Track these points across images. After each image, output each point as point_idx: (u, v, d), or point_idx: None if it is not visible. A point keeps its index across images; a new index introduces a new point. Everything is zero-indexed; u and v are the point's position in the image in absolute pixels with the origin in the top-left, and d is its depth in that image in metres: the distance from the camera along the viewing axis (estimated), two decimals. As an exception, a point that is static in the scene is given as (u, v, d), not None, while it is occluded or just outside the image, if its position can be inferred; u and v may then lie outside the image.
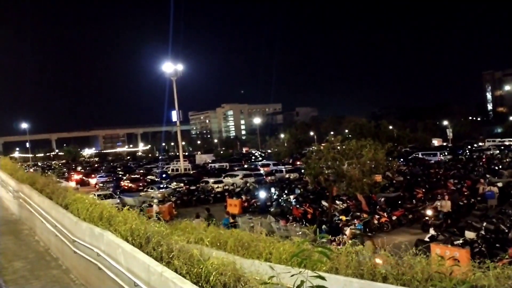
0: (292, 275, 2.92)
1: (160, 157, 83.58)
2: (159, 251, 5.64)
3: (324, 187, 21.59)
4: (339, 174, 18.50)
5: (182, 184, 32.69)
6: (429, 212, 17.43)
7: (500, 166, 31.29)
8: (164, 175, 42.91)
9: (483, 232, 13.24)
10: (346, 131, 60.75)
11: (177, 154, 62.65)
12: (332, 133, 69.31)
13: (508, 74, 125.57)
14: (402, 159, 42.22)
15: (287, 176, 36.85)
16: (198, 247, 6.06)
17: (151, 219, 7.10)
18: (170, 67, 48.14)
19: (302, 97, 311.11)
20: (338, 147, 19.38)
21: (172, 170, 50.76)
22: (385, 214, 18.20)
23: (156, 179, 40.84)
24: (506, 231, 13.48)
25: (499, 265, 4.62)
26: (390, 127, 67.68)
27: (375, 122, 56.34)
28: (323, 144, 20.68)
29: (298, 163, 42.26)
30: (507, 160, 35.28)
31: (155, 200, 24.92)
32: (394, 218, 18.41)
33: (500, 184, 23.04)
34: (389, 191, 22.89)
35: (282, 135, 74.69)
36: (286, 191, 26.28)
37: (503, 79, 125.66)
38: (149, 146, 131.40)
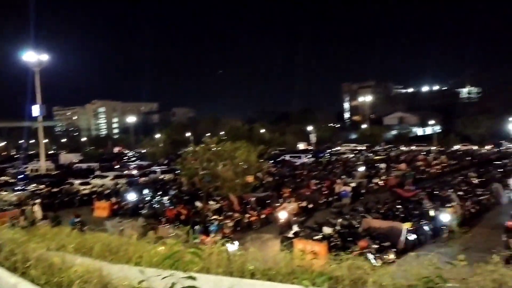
0: (163, 278, 2.88)
1: (17, 156, 74.41)
2: (13, 260, 5.04)
3: (198, 188, 21.67)
4: (214, 175, 18.78)
5: (43, 186, 29.56)
6: (281, 214, 18.06)
7: (354, 168, 35.27)
8: (21, 176, 38.31)
9: (338, 228, 14.76)
10: (222, 132, 61.93)
11: (38, 152, 56.49)
12: (208, 134, 69.97)
13: (363, 86, 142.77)
14: (272, 161, 44.67)
15: (161, 177, 36.03)
16: (60, 254, 5.57)
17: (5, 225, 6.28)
18: (33, 57, 43.20)
19: (180, 97, 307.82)
20: (214, 149, 19.66)
21: (32, 170, 45.67)
22: (255, 213, 19.05)
23: (12, 181, 36.27)
24: (357, 226, 15.26)
25: (350, 257, 5.15)
26: (263, 130, 71.20)
27: (249, 125, 58.49)
28: (199, 146, 20.77)
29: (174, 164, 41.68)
30: (359, 163, 39.97)
31: (37, 201, 22.08)
32: (263, 216, 19.39)
33: (353, 184, 26.02)
34: (259, 191, 24.02)
35: (157, 135, 72.75)
36: (160, 192, 25.67)
37: (358, 91, 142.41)
38: (5, 143, 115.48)
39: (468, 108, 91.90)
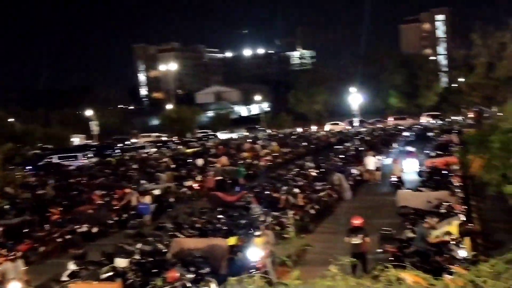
0: None
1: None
2: None
3: None
4: None
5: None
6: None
7: (158, 169, 35.59)
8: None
9: (137, 257, 14.66)
10: None
11: None
12: None
13: (164, 49, 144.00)
14: (30, 166, 41.83)
15: None
16: None
17: None
18: None
19: None
20: None
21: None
22: (3, 251, 17.50)
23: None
24: (164, 250, 15.42)
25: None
26: (11, 120, 66.09)
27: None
28: None
29: None
30: (165, 160, 40.55)
31: None
32: (19, 254, 17.96)
33: (157, 192, 26.26)
34: (10, 216, 22.28)
35: None
36: None
37: (158, 57, 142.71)
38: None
39: (302, 78, 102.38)
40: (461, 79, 67.08)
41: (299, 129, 77.58)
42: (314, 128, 78.07)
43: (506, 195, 19.55)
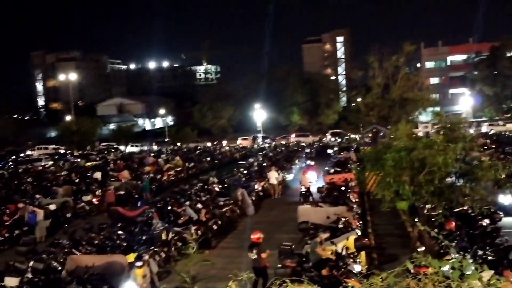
0: None
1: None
2: None
3: None
4: None
5: None
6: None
7: (54, 182, 34.29)
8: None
9: (29, 276, 14.03)
10: None
11: None
12: None
13: (63, 59, 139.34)
14: None
15: None
16: None
17: None
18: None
19: None
20: None
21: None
22: None
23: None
24: (59, 268, 14.83)
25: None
26: None
27: None
28: None
29: None
30: (62, 173, 39.17)
31: None
32: None
33: (53, 206, 25.30)
34: None
35: None
36: None
37: (57, 65, 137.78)
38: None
39: (207, 92, 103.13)
40: (359, 99, 69.98)
41: (208, 144, 77.63)
42: (224, 142, 78.53)
43: (399, 211, 20.63)
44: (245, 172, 35.49)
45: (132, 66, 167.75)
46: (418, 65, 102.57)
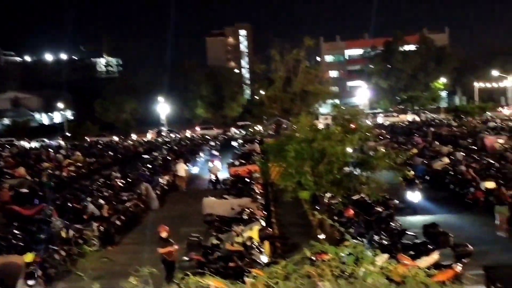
0: None
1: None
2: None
3: None
4: None
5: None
6: None
7: None
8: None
9: None
10: None
11: None
12: None
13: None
14: None
15: None
16: None
17: None
18: None
19: None
20: None
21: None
22: None
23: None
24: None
25: None
26: None
27: None
28: None
29: None
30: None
31: None
32: None
33: None
34: None
35: None
36: None
37: None
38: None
39: (108, 86, 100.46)
40: (262, 92, 70.75)
41: (116, 138, 75.31)
42: (134, 136, 76.76)
43: (301, 201, 21.14)
44: (149, 166, 34.97)
45: (27, 58, 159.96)
46: (318, 59, 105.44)
